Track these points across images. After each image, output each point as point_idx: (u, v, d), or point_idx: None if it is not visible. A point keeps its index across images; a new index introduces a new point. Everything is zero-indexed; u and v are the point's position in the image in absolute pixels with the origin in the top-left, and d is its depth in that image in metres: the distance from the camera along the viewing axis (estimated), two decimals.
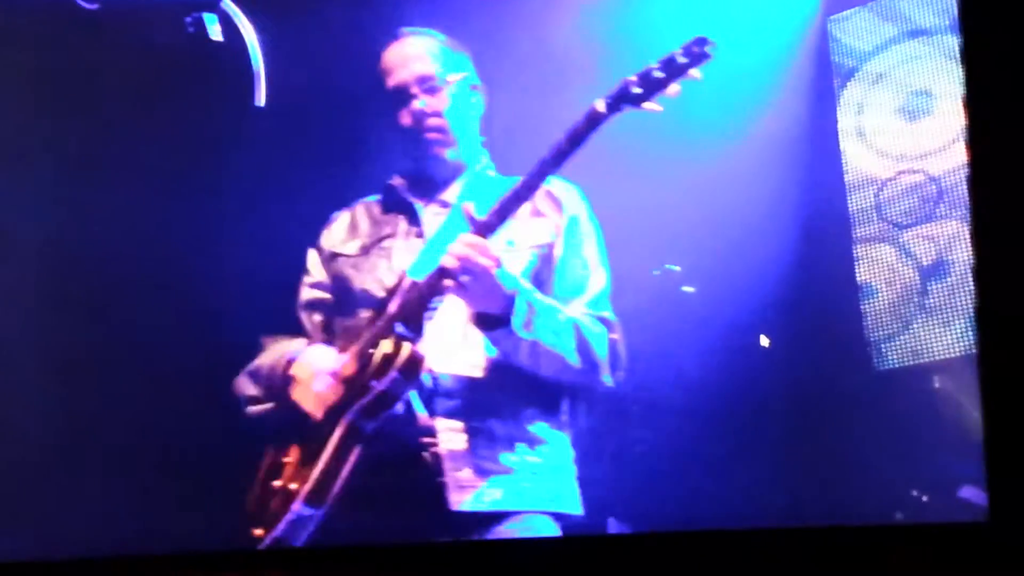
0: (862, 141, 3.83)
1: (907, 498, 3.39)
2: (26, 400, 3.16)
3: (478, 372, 2.45)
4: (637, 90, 2.32)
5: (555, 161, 2.38)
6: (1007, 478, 1.46)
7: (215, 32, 2.64)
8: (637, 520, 3.44)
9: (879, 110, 3.80)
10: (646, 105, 2.33)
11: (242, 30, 2.67)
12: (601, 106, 2.35)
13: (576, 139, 2.36)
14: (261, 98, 2.71)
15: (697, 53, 2.31)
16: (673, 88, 2.32)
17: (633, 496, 3.54)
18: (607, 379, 2.53)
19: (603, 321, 2.55)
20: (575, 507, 2.53)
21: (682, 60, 2.30)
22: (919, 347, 3.53)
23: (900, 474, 3.43)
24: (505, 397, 2.46)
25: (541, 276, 2.55)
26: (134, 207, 3.22)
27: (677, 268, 3.80)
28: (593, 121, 2.35)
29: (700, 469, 3.46)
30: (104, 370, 3.23)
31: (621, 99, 2.34)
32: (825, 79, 3.86)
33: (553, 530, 2.46)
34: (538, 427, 2.49)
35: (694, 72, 2.31)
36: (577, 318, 2.49)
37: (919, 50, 3.76)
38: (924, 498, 3.37)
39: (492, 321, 2.36)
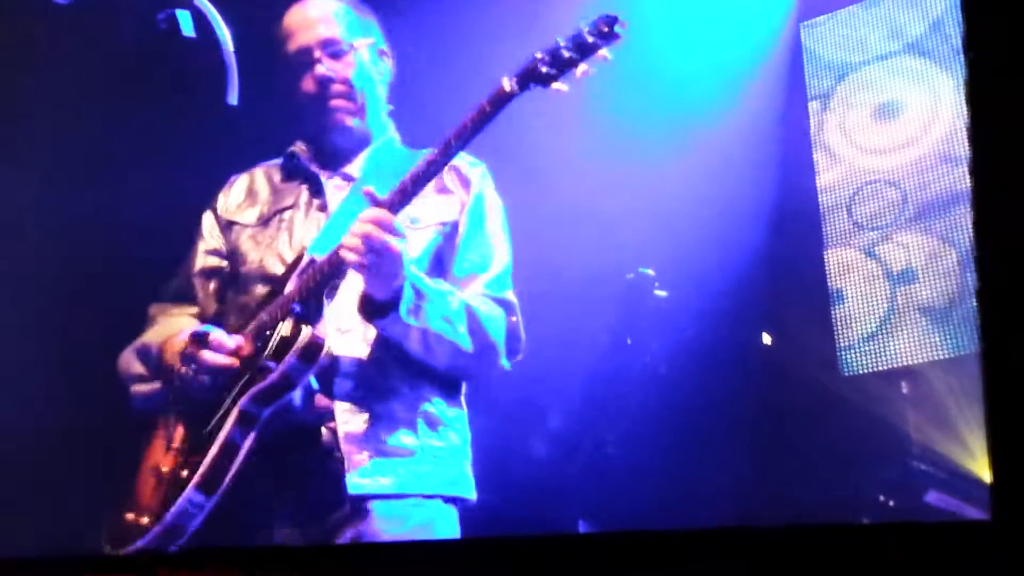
0: (834, 148, 3.85)
1: (873, 502, 3.41)
2: None
3: (378, 353, 2.34)
4: (545, 69, 2.19)
5: (461, 141, 2.26)
6: (1009, 477, 1.46)
7: (188, 28, 2.61)
8: (607, 519, 3.45)
9: (851, 117, 3.82)
10: (555, 85, 2.20)
11: (215, 27, 2.64)
12: (508, 85, 2.23)
13: (483, 119, 2.24)
14: (234, 96, 2.68)
15: (606, 33, 2.16)
16: (582, 68, 2.19)
17: (604, 495, 3.55)
18: (504, 363, 2.43)
19: (502, 303, 2.45)
20: (470, 492, 2.42)
21: (590, 39, 2.17)
22: (887, 353, 3.55)
23: (866, 478, 3.45)
24: (406, 379, 2.36)
25: (443, 254, 2.46)
26: (100, 199, 3.18)
27: (650, 272, 3.81)
28: (500, 100, 2.23)
29: (668, 471, 3.47)
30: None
31: (529, 78, 2.22)
32: (797, 87, 3.89)
33: (451, 515, 2.38)
34: (439, 409, 2.40)
35: (604, 53, 2.17)
36: (471, 302, 2.37)
37: (892, 57, 3.78)
38: (891, 502, 3.39)
39: (379, 309, 2.26)
